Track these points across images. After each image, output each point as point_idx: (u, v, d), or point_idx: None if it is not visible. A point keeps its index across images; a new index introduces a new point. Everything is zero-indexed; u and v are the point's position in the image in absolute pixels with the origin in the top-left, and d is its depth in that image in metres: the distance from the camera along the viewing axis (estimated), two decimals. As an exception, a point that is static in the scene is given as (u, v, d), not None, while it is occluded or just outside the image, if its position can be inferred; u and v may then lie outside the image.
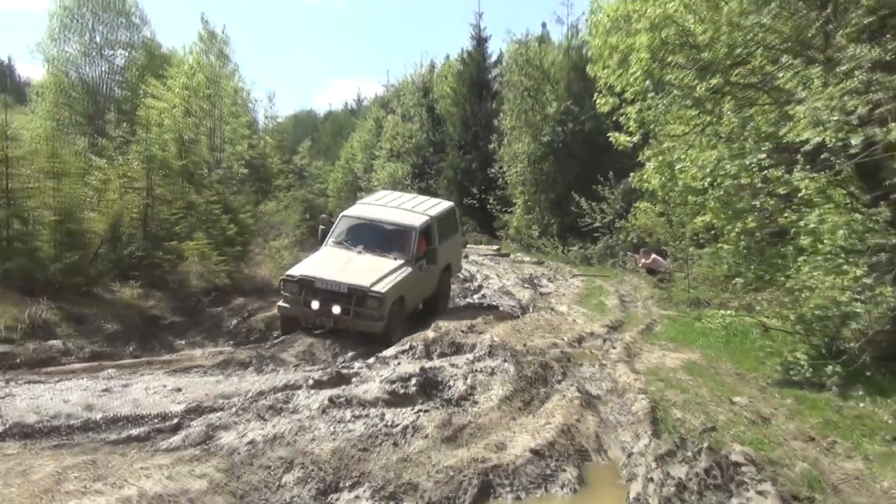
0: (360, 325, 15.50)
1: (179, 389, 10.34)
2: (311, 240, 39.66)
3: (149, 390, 10.14)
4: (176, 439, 8.40)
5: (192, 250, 20.34)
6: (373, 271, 16.32)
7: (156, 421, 8.96)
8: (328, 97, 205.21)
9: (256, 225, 28.48)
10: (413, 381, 11.16)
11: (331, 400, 9.98)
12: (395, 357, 14.48)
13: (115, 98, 44.07)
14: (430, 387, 11.18)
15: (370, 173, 57.92)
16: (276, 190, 39.62)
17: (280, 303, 16.70)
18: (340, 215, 19.74)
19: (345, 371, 12.11)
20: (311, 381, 11.25)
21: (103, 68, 47.38)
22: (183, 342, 16.38)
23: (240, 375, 12.24)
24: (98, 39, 47.00)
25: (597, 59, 17.26)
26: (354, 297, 15.47)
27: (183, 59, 35.95)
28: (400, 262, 17.03)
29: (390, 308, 15.67)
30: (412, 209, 19.98)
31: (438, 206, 20.56)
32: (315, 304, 15.69)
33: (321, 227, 20.48)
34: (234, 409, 9.51)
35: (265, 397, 10.12)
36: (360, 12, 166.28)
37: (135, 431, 8.55)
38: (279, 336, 16.74)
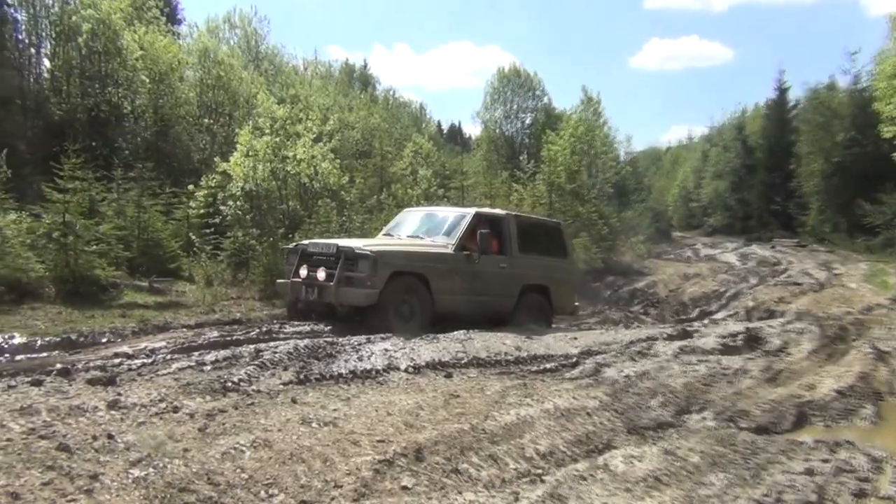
0: (345, 295, 9.38)
1: (576, 338, 10.37)
2: (658, 236, 38.96)
3: (556, 338, 10.25)
4: (575, 372, 8.40)
5: (579, 245, 20.49)
6: (385, 244, 10.48)
7: (561, 359, 9.02)
8: (669, 136, 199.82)
9: (620, 226, 28.21)
10: (740, 336, 10.64)
11: (681, 348, 9.65)
12: (724, 319, 13.83)
13: (525, 144, 45.30)
14: (752, 341, 10.53)
15: (699, 189, 55.88)
16: (632, 203, 39.09)
17: (279, 279, 11.10)
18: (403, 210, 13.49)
19: (688, 328, 11.68)
20: (664, 335, 10.93)
21: (517, 126, 48.95)
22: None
23: (615, 330, 12.14)
24: (514, 107, 48.63)
25: (881, 98, 15.54)
26: (343, 259, 9.50)
27: (569, 116, 36.17)
28: (438, 244, 10.68)
29: (389, 280, 9.48)
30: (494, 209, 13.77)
31: (536, 217, 14.24)
32: (303, 272, 9.89)
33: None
34: (613, 353, 9.41)
35: (634, 345, 9.94)
36: (690, 75, 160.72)
37: (548, 365, 8.65)
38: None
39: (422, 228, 11.36)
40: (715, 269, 24.39)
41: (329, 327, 9.47)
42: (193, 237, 15.39)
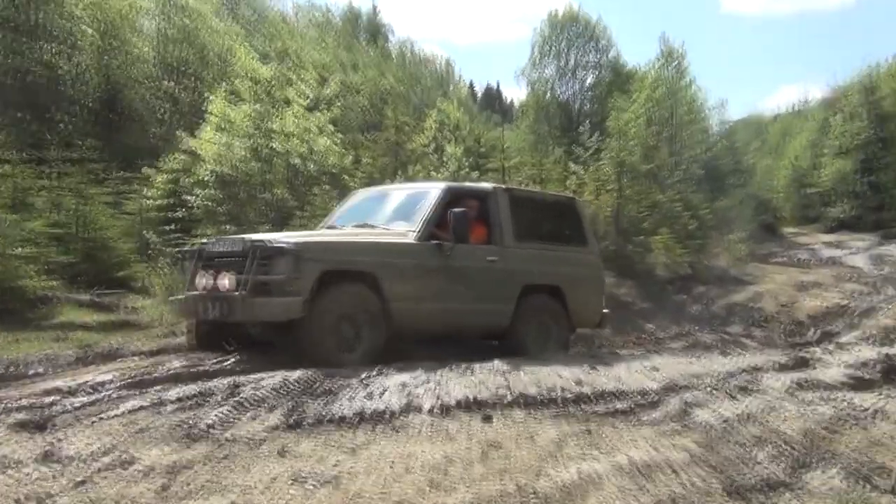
0: (258, 308, 8.09)
1: (656, 368, 10.29)
2: (763, 232, 38.74)
3: (629, 369, 10.17)
4: (655, 414, 8.31)
5: (658, 244, 20.42)
6: (315, 235, 9.80)
7: (637, 396, 8.93)
8: (776, 101, 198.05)
9: (713, 220, 28.05)
10: (875, 366, 10.39)
11: (796, 382, 9.49)
12: (854, 343, 13.68)
13: (586, 112, 45.34)
14: (892, 373, 10.35)
15: (817, 170, 55.34)
16: (728, 189, 38.92)
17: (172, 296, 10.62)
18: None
19: (806, 355, 11.56)
20: (774, 364, 10.81)
21: (575, 88, 49.01)
22: (652, 326, 16.42)
23: (707, 357, 12.03)
24: (571, 63, 48.70)
25: None
26: (256, 258, 8.22)
27: (645, 75, 36.07)
28: (394, 232, 9.57)
29: (321, 284, 8.25)
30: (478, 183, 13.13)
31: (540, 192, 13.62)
32: (202, 281, 8.66)
33: None
34: (706, 388, 9.31)
35: (734, 378, 9.83)
36: (803, 22, 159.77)
37: (619, 405, 8.57)
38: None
39: (374, 214, 10.29)
40: (840, 277, 24.14)
41: (226, 361, 8.37)
42: (150, 236, 15.44)
